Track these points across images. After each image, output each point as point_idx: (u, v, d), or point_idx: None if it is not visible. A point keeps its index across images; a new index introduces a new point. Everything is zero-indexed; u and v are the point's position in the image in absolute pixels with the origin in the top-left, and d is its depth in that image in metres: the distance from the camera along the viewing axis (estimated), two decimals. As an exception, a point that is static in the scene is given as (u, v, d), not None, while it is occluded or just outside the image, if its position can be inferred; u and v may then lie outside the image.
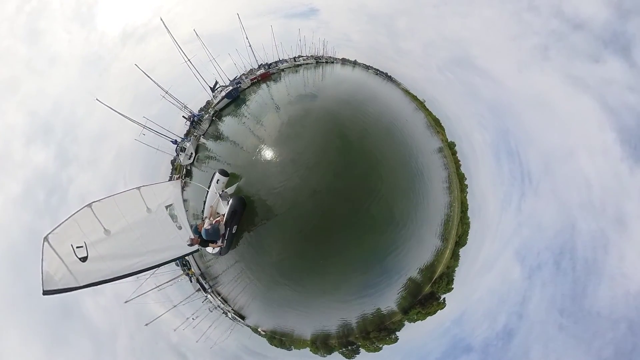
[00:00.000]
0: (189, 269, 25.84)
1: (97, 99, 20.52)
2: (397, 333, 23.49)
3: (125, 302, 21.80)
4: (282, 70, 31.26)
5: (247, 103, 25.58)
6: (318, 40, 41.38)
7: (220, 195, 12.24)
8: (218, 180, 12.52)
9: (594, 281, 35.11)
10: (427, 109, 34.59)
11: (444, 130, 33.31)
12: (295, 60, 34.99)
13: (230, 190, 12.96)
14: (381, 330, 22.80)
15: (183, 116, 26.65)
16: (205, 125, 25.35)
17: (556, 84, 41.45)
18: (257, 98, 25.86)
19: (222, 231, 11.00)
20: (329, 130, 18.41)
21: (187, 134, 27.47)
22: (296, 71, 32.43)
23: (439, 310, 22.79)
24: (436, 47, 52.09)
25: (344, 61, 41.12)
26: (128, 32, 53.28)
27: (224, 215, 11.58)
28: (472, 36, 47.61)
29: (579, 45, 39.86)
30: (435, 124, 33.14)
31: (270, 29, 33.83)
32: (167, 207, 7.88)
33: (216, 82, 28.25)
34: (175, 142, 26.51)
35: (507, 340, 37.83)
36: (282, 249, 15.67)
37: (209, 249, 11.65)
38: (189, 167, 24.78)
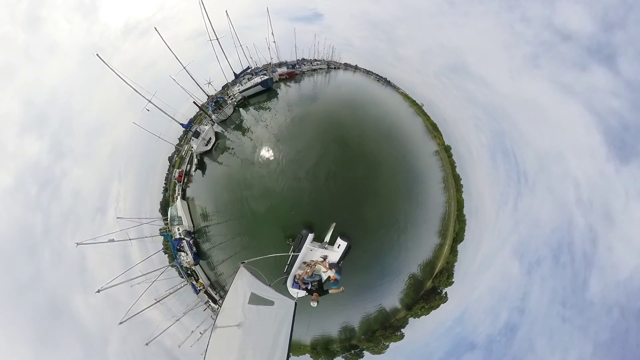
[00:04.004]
0: (197, 280, 24.16)
1: (96, 54, 17.84)
2: (402, 330, 23.82)
3: (120, 323, 19.54)
4: (304, 72, 32.23)
5: (278, 97, 24.12)
6: (329, 46, 43.24)
7: (325, 247, 12.44)
8: (311, 239, 12.30)
9: (591, 272, 36.51)
10: (425, 114, 35.72)
11: (441, 134, 34.43)
12: (312, 64, 36.49)
13: (328, 237, 13.02)
14: (386, 328, 23.19)
15: (194, 102, 23.59)
16: (228, 110, 22.81)
17: (546, 90, 43.93)
18: (283, 94, 25.06)
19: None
20: (335, 133, 19.03)
21: (203, 116, 24.16)
22: (312, 74, 33.34)
23: (442, 304, 23.30)
24: (433, 54, 54.47)
25: (346, 66, 42.72)
26: (130, 25, 52.88)
27: (325, 259, 11.90)
28: (467, 44, 50.12)
29: (567, 54, 42.62)
30: (433, 128, 34.30)
31: (293, 30, 34.77)
32: (249, 302, 7.43)
33: (248, 67, 25.75)
34: (187, 125, 23.11)
35: (511, 336, 38.49)
36: (278, 249, 15.66)
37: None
38: (198, 157, 21.83)
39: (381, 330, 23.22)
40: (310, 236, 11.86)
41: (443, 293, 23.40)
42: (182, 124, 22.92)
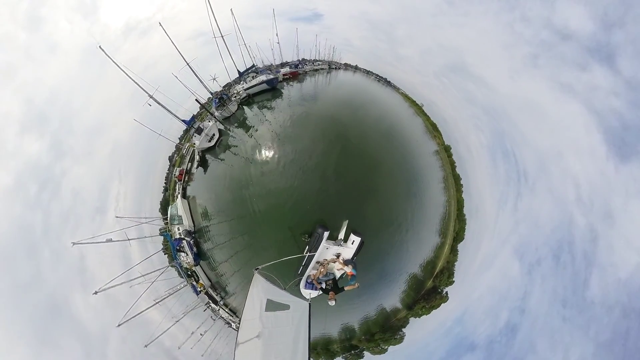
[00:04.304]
0: (197, 281, 24.00)
1: (99, 47, 17.70)
2: (403, 330, 23.81)
3: (118, 325, 19.21)
4: (306, 72, 32.63)
5: (282, 96, 24.10)
6: (329, 46, 43.31)
7: (340, 244, 12.35)
8: (326, 237, 12.18)
9: (592, 272, 36.56)
10: (425, 114, 35.88)
11: (441, 135, 34.58)
12: (313, 65, 37.01)
13: (342, 234, 12.95)
14: (386, 330, 23.18)
15: (196, 100, 23.50)
16: (233, 107, 22.84)
17: (546, 89, 44.07)
18: (287, 94, 25.03)
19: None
20: (336, 133, 19.01)
21: (205, 114, 23.91)
22: (313, 74, 33.62)
23: (443, 304, 23.28)
24: (433, 54, 54.67)
25: (347, 66, 42.85)
26: (131, 25, 52.99)
27: (339, 256, 11.87)
28: (467, 45, 50.25)
29: (567, 54, 42.75)
30: (433, 128, 34.45)
31: (295, 31, 35.32)
32: (266, 309, 7.54)
33: (253, 65, 25.99)
34: (189, 122, 22.77)
35: (511, 336, 38.50)
36: (281, 249, 15.88)
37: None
38: (200, 154, 21.65)
39: (380, 333, 23.17)
40: (326, 234, 11.83)
41: (444, 292, 23.41)
42: (183, 120, 22.65)
